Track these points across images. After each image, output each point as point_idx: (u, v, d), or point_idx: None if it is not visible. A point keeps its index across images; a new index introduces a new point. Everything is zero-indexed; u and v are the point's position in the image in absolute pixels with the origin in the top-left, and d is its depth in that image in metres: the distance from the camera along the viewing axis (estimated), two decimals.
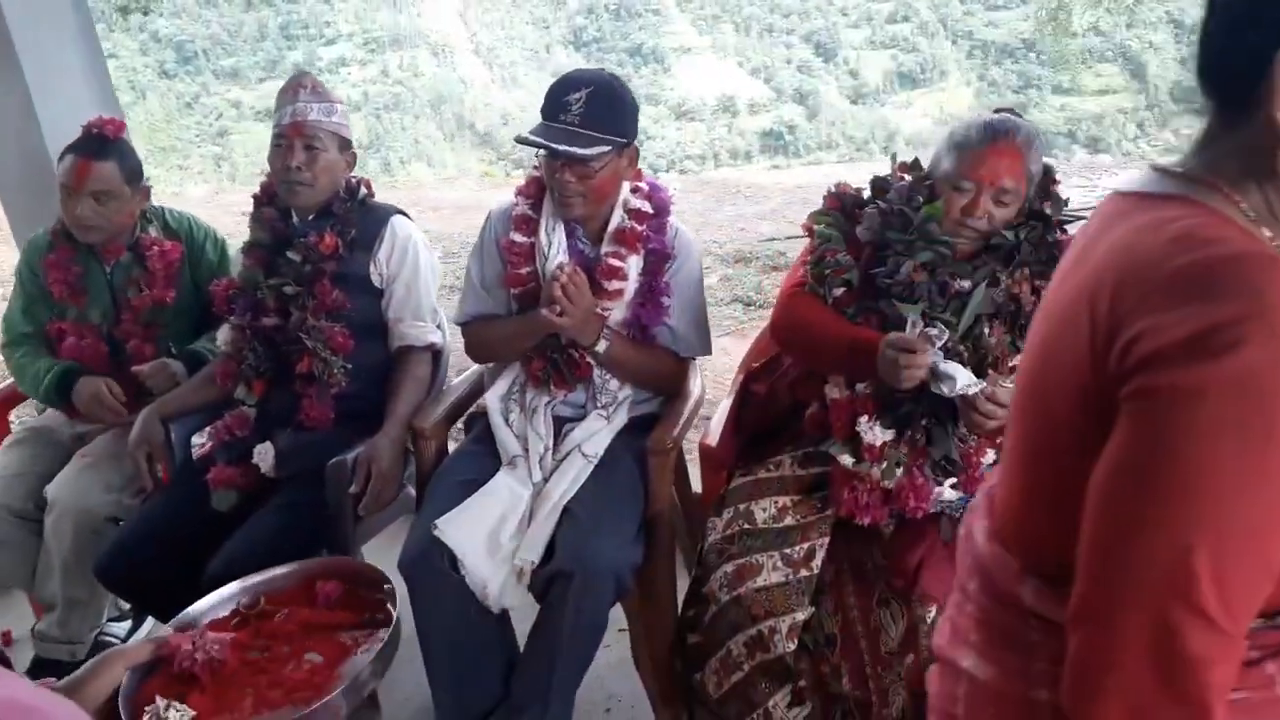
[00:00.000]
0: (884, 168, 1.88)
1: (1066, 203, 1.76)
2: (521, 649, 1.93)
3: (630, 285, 2.01)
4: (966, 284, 1.68)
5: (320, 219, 2.23)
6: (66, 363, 2.41)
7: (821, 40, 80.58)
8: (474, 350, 2.20)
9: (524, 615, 1.91)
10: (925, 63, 76.77)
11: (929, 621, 1.60)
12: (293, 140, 2.14)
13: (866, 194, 1.84)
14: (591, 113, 1.89)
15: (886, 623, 1.62)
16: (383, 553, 2.43)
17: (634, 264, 2.02)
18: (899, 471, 1.66)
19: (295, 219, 2.26)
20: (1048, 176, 1.74)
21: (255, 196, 2.34)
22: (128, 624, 2.59)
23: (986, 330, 1.65)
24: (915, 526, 1.70)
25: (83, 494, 2.23)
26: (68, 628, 2.29)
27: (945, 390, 1.55)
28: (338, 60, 75.47)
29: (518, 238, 2.08)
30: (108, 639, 2.48)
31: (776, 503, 1.76)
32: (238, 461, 2.15)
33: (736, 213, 7.23)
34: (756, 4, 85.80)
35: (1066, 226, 1.73)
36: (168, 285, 2.41)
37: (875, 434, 1.66)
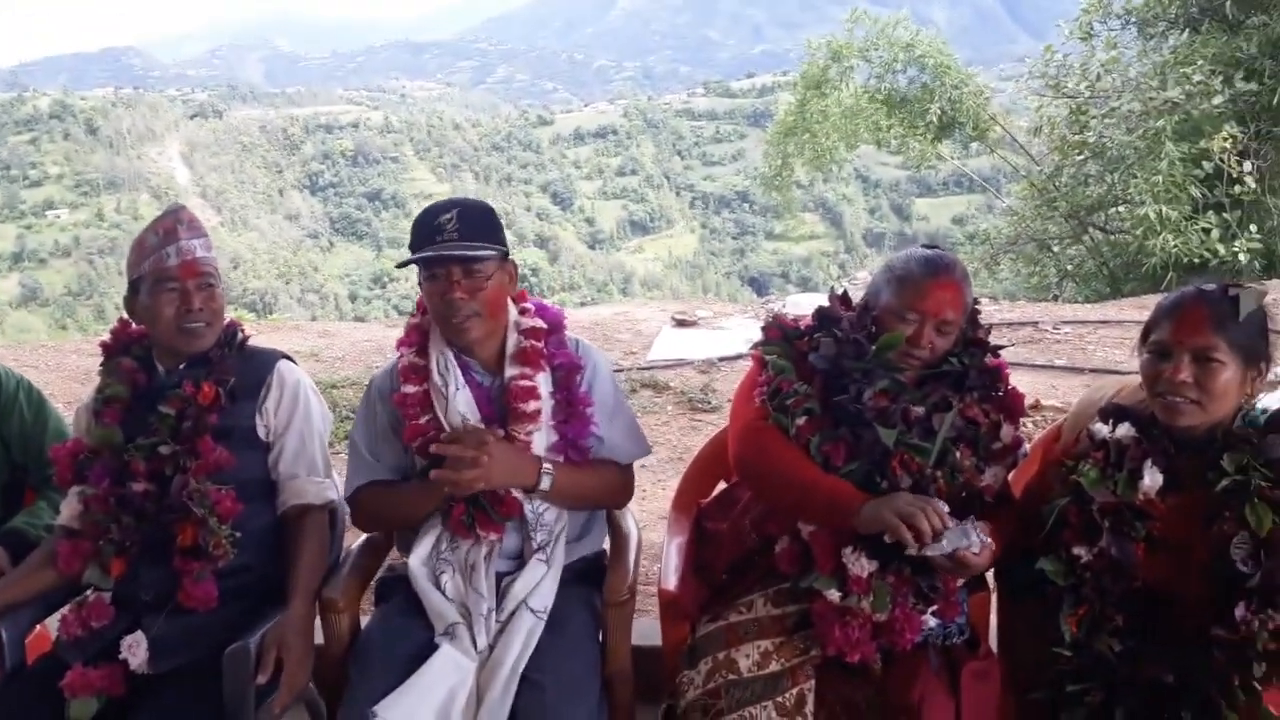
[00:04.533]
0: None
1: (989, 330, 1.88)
2: None
3: (545, 405, 1.92)
4: (920, 410, 1.73)
5: (192, 367, 1.97)
6: None
7: (558, 190, 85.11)
8: (367, 521, 2.01)
9: None
10: (653, 212, 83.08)
11: None
12: (185, 282, 1.91)
13: (805, 323, 1.88)
14: (466, 227, 1.85)
15: None
16: None
17: (543, 381, 1.92)
18: (888, 603, 1.64)
19: (160, 369, 1.99)
20: (974, 306, 1.86)
21: (104, 345, 2.04)
22: None
23: (957, 455, 1.70)
24: (905, 662, 1.68)
25: None
26: None
27: (941, 549, 1.58)
28: (44, 203, 70.18)
29: (409, 389, 1.93)
30: None
31: (758, 648, 1.68)
32: (98, 660, 1.79)
33: None
34: (494, 154, 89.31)
35: (999, 352, 1.84)
36: None
37: (862, 565, 1.64)
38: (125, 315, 2.03)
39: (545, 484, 1.83)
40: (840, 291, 1.93)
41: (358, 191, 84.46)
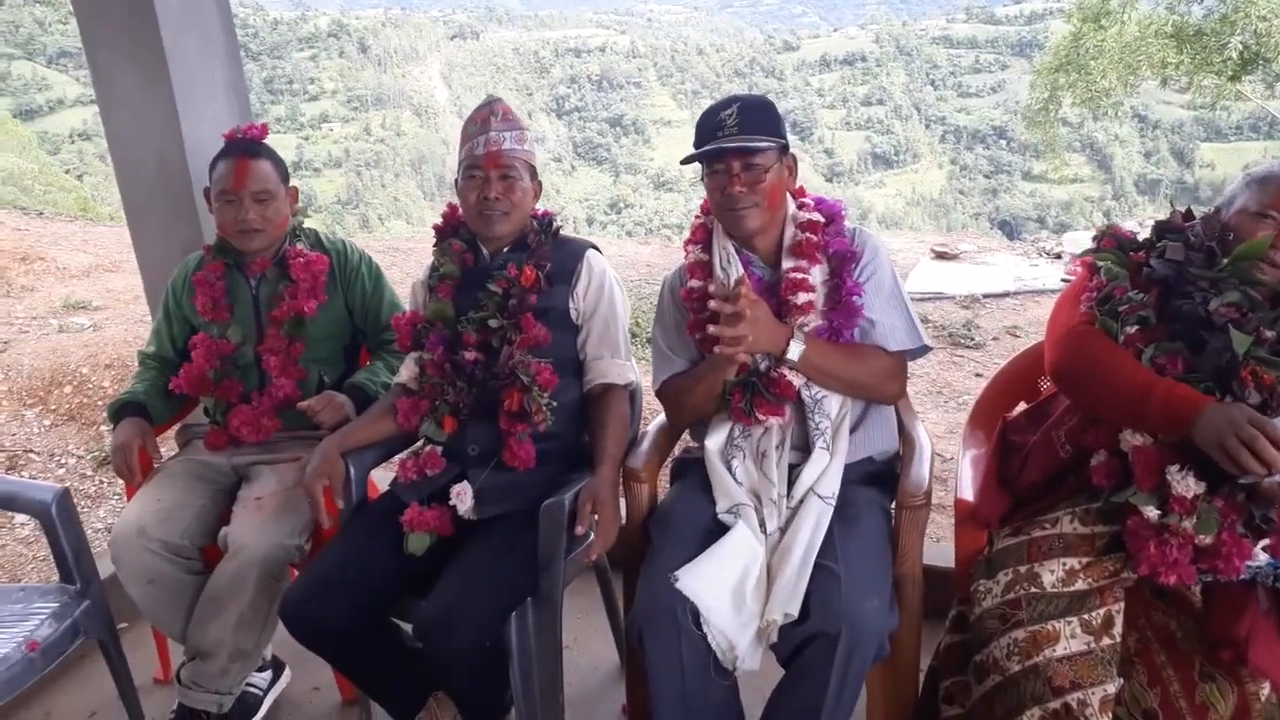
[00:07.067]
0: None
1: None
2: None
3: (819, 296, 1.93)
4: (1272, 334, 1.60)
5: (514, 251, 2.13)
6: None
7: (798, 119, 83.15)
8: (674, 410, 2.07)
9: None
10: (899, 145, 79.62)
11: (1263, 699, 1.48)
12: (488, 171, 2.05)
13: (1142, 237, 1.78)
14: (747, 120, 1.88)
15: (1214, 699, 1.49)
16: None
17: (817, 274, 1.93)
18: (1214, 525, 1.54)
19: (485, 251, 2.16)
20: None
21: (437, 227, 2.24)
22: (268, 674, 2.39)
23: None
24: (1230, 595, 1.59)
25: (269, 542, 2.08)
26: (228, 677, 2.10)
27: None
28: (320, 116, 76.65)
29: (694, 283, 2.01)
30: (251, 690, 2.30)
31: (1064, 565, 1.64)
32: (431, 503, 2.01)
33: None
34: (735, 81, 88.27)
35: None
36: (310, 295, 2.30)
37: (1189, 485, 1.55)
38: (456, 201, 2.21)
39: (794, 352, 1.84)
40: (1185, 208, 1.80)
41: (600, 116, 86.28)
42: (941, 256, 6.66)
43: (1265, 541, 1.57)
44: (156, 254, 2.79)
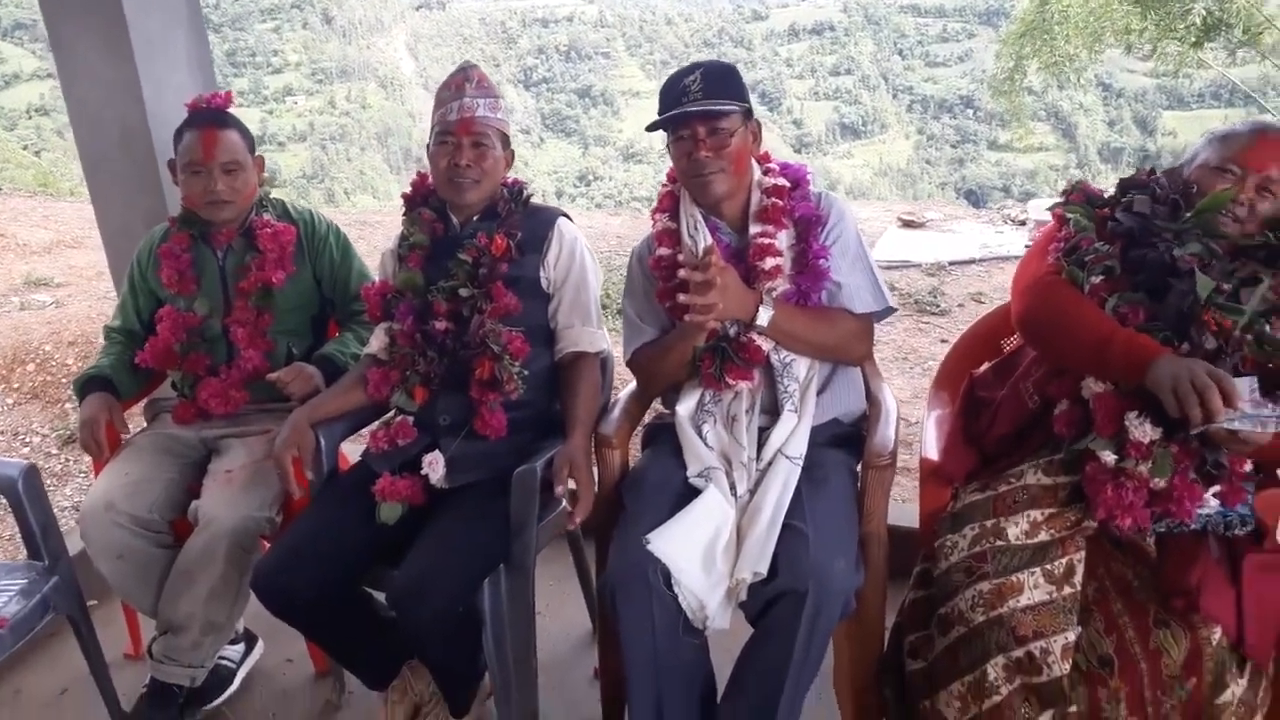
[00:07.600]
0: None
1: None
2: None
3: (786, 261, 1.95)
4: (1228, 287, 1.64)
5: (484, 220, 2.12)
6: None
7: (766, 90, 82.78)
8: (645, 379, 2.10)
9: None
10: (866, 115, 79.48)
11: (1214, 643, 1.54)
12: (460, 138, 2.04)
13: (1108, 194, 1.82)
14: (710, 85, 1.89)
15: (1167, 644, 1.55)
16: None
17: (784, 238, 1.95)
18: (1169, 469, 1.59)
19: (455, 220, 2.15)
20: None
21: (406, 196, 2.23)
22: (241, 647, 2.40)
23: (1268, 328, 1.60)
24: (1181, 545, 1.64)
25: (239, 514, 2.08)
26: (200, 651, 2.11)
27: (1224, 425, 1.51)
28: (284, 89, 75.31)
29: (663, 251, 2.02)
30: (223, 663, 2.30)
31: (1028, 518, 1.69)
32: (403, 472, 2.02)
33: None
34: (704, 51, 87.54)
35: None
36: (278, 266, 2.29)
37: (1146, 430, 1.59)
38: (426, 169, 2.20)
39: (763, 318, 1.87)
40: (1149, 168, 1.84)
41: (569, 88, 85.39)
42: (908, 225, 6.71)
43: (1216, 488, 1.61)
44: (120, 227, 2.77)
